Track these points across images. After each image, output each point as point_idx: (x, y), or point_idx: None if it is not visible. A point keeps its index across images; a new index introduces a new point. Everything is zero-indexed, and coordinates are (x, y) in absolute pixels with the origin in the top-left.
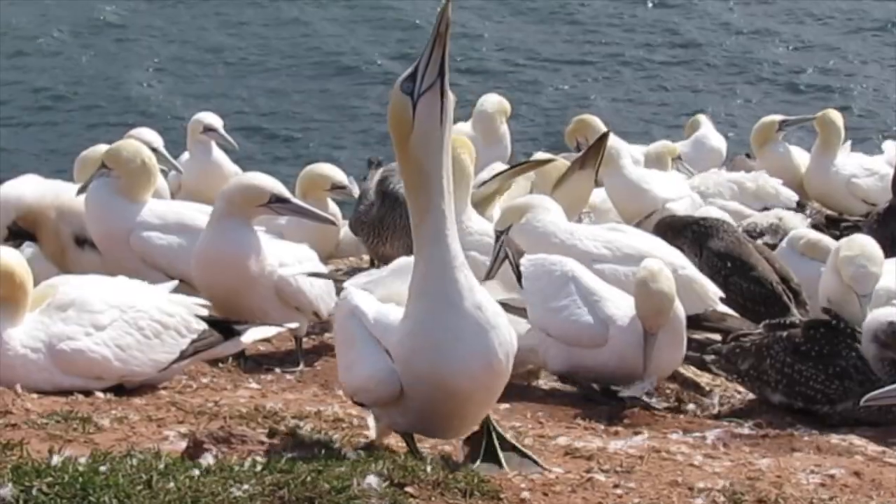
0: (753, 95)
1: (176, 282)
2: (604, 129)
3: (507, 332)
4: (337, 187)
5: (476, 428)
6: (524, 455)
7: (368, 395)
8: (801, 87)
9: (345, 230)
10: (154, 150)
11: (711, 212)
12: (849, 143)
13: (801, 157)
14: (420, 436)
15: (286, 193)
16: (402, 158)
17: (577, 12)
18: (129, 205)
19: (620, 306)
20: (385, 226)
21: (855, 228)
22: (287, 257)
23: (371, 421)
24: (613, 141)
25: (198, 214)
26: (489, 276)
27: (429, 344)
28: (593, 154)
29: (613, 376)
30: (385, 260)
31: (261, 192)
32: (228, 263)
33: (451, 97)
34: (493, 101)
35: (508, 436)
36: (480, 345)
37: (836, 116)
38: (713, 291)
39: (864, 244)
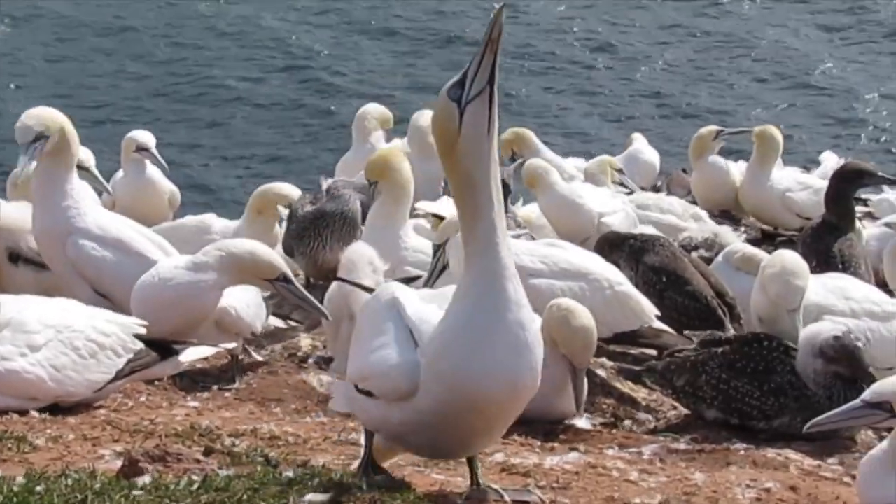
0: (679, 114)
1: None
2: (539, 144)
3: (540, 362)
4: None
5: (468, 455)
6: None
7: (384, 383)
8: (696, 109)
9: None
10: (86, 168)
11: (644, 228)
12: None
13: (738, 171)
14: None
15: (290, 274)
16: (449, 167)
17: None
18: (72, 204)
19: None
20: (325, 222)
21: (789, 243)
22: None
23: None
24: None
25: (136, 234)
26: (427, 285)
27: (461, 343)
28: None
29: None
30: (323, 272)
31: (273, 269)
32: (183, 308)
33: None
34: (427, 116)
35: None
36: (511, 361)
37: (775, 132)
38: (649, 308)
39: (785, 259)
